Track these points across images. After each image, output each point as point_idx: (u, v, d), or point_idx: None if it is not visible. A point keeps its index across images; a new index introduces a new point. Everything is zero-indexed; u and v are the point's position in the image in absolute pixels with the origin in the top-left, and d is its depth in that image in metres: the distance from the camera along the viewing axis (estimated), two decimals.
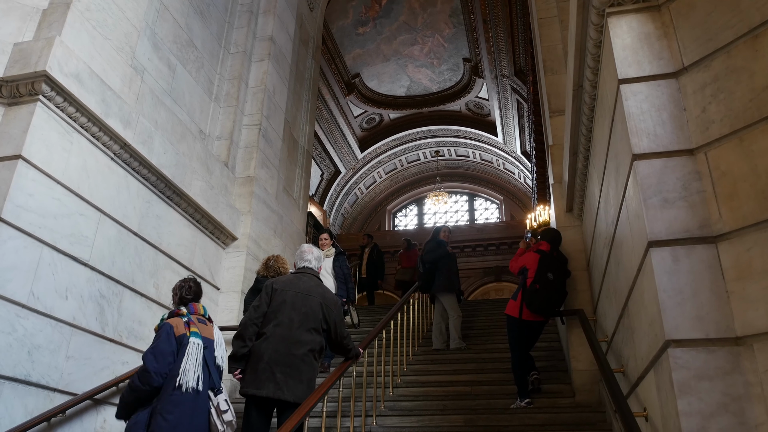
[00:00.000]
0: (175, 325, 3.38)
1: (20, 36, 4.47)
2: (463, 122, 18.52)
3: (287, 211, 8.02)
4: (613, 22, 3.09)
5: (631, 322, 3.32)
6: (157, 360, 3.24)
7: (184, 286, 3.67)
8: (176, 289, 3.67)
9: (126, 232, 5.05)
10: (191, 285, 3.70)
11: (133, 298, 5.08)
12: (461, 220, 21.91)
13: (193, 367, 3.28)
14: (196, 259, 6.07)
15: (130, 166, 5.14)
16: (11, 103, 4.25)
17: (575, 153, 4.60)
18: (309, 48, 9.63)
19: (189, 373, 3.26)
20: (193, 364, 3.30)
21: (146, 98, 5.48)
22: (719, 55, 2.70)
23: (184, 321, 3.43)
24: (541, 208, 12.96)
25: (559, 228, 5.69)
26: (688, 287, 2.48)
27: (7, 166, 4.01)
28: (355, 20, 14.34)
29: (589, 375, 5.07)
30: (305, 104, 9.19)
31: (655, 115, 2.81)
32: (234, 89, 7.36)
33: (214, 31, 7.29)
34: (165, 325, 3.40)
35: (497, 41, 14.26)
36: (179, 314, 3.49)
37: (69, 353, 4.31)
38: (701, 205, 2.59)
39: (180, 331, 3.36)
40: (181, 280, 3.75)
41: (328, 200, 20.04)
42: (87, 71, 4.56)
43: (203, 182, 6.14)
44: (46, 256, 4.17)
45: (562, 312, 5.34)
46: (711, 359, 2.36)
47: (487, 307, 9.62)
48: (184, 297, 3.63)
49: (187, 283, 3.69)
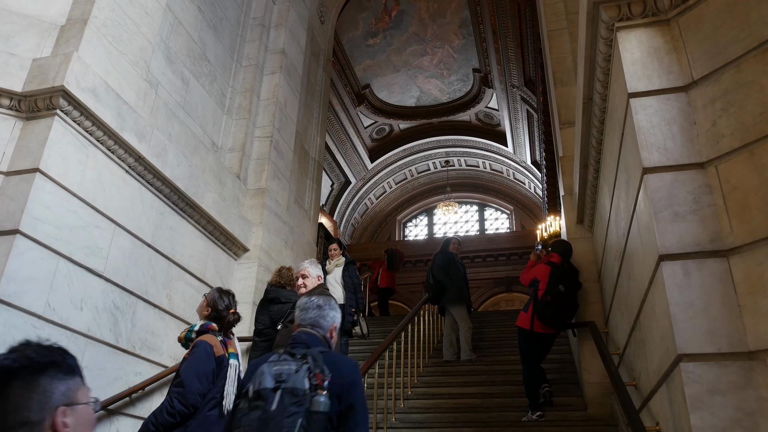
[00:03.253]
0: (213, 344, 3.23)
1: (39, 52, 4.56)
2: (473, 132, 18.55)
3: (298, 222, 8.07)
4: (623, 36, 3.11)
5: (642, 335, 3.31)
6: (200, 381, 3.12)
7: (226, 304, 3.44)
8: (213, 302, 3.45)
9: (140, 244, 5.11)
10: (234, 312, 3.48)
11: (146, 309, 5.13)
12: (471, 231, 21.89)
13: (232, 390, 3.20)
14: (208, 271, 6.12)
15: (145, 179, 5.20)
16: (29, 118, 4.33)
17: (586, 165, 4.61)
18: (320, 60, 9.72)
19: (230, 397, 3.18)
20: (233, 387, 3.21)
21: (160, 111, 5.56)
22: (729, 69, 2.71)
23: (220, 340, 3.29)
24: (551, 219, 12.93)
25: (570, 239, 5.69)
26: (699, 301, 2.48)
27: (25, 179, 4.08)
28: (366, 32, 14.46)
29: (600, 388, 5.04)
30: (316, 116, 9.26)
31: (665, 128, 2.83)
32: (246, 102, 7.44)
33: (227, 45, 7.38)
34: (203, 343, 3.23)
35: (507, 52, 14.31)
36: (211, 329, 3.34)
37: (83, 364, 4.32)
38: (712, 219, 2.59)
39: (219, 352, 3.23)
40: (223, 293, 3.52)
41: (338, 210, 20.10)
42: (103, 86, 4.65)
43: (216, 194, 6.20)
44: (62, 268, 4.23)
45: (574, 324, 5.33)
46: (723, 374, 2.35)
47: (498, 318, 9.59)
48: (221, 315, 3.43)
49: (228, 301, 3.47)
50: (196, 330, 3.35)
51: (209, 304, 3.46)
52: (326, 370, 2.18)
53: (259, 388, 2.14)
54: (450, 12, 13.94)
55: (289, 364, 2.18)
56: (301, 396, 2.08)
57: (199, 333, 3.34)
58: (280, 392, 2.10)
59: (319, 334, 2.44)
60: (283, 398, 2.08)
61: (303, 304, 2.52)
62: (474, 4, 13.29)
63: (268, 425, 2.03)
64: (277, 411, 2.05)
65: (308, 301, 2.52)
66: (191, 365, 3.16)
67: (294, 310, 3.49)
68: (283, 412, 2.05)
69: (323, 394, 2.10)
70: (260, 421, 2.06)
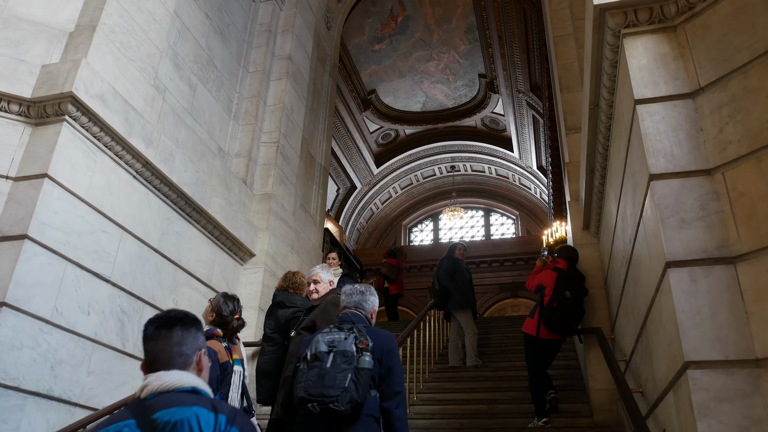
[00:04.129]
0: (218, 351, 3.22)
1: (48, 58, 4.60)
2: (478, 137, 18.55)
3: (304, 227, 8.08)
4: (629, 43, 3.12)
5: (649, 341, 3.30)
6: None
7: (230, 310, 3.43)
8: (218, 307, 3.44)
9: (147, 249, 5.13)
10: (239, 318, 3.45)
11: (152, 313, 5.12)
12: (477, 236, 21.85)
13: (236, 396, 3.22)
14: (214, 276, 6.14)
15: (152, 184, 5.23)
16: (38, 123, 4.36)
17: (592, 171, 4.61)
18: (326, 66, 9.76)
19: (234, 402, 3.20)
20: (237, 392, 3.23)
21: (168, 117, 5.59)
22: (736, 76, 2.71)
23: (224, 346, 3.29)
24: (557, 224, 12.90)
25: (576, 245, 5.68)
26: (706, 308, 2.48)
27: (34, 185, 4.11)
28: (371, 37, 14.50)
29: (607, 394, 5.02)
30: (322, 121, 9.29)
31: (671, 135, 2.83)
32: (253, 107, 7.47)
33: (234, 51, 7.42)
34: (208, 349, 3.27)
35: (513, 57, 14.32)
36: (216, 335, 3.33)
37: (90, 368, 4.38)
38: (719, 226, 2.59)
39: (223, 358, 3.23)
40: (228, 298, 3.49)
41: (344, 215, 20.12)
42: (111, 92, 4.68)
43: (222, 199, 6.22)
44: (70, 273, 4.26)
45: (580, 330, 5.31)
46: (731, 381, 2.35)
47: (504, 324, 9.57)
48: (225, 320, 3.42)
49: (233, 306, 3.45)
50: None
51: (214, 310, 3.46)
52: (369, 339, 2.74)
53: (315, 352, 2.68)
54: (456, 17, 13.97)
55: (339, 334, 2.74)
56: (350, 356, 2.62)
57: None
58: (333, 354, 2.64)
59: (361, 314, 3.01)
60: (335, 358, 2.63)
61: (348, 290, 3.09)
62: (480, 9, 13.31)
63: (325, 378, 2.58)
64: (331, 368, 2.60)
65: (352, 288, 3.11)
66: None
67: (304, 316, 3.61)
68: (336, 368, 2.59)
69: (368, 354, 2.66)
70: (318, 376, 2.60)
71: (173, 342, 1.69)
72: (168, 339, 1.70)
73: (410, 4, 13.63)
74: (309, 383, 2.60)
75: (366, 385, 2.61)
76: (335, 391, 2.54)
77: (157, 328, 1.72)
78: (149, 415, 1.54)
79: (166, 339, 1.70)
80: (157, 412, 1.54)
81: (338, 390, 2.55)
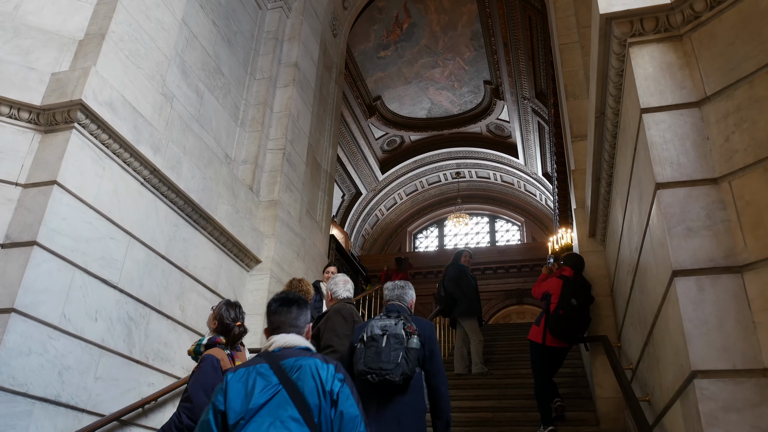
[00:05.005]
0: (220, 358, 3.23)
1: (57, 66, 4.64)
2: (483, 144, 18.56)
3: (310, 234, 8.10)
4: (635, 52, 3.13)
5: (656, 350, 3.30)
6: (207, 395, 3.07)
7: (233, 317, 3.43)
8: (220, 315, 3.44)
9: (154, 255, 5.16)
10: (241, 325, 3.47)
11: (159, 320, 5.17)
12: (482, 242, 21.83)
13: None
14: (221, 282, 6.17)
15: (159, 191, 5.26)
16: (48, 131, 4.40)
17: (598, 179, 4.61)
18: (332, 73, 9.80)
19: None
20: None
21: (175, 124, 5.63)
22: (742, 85, 2.72)
23: (227, 353, 3.29)
24: (563, 231, 12.88)
25: (582, 253, 5.68)
26: (713, 317, 2.48)
27: (43, 192, 4.15)
28: (377, 44, 14.56)
29: (613, 403, 5.01)
30: (328, 128, 9.33)
31: (678, 144, 2.83)
32: (259, 114, 7.51)
33: (241, 58, 7.47)
34: (210, 357, 3.22)
35: (518, 64, 14.34)
36: (219, 343, 3.33)
37: (97, 374, 4.40)
38: (726, 235, 2.59)
39: (226, 365, 3.21)
40: (230, 306, 3.51)
41: (349, 222, 20.14)
42: (120, 99, 4.72)
43: (229, 206, 6.25)
44: (78, 279, 4.28)
45: (586, 338, 5.30)
46: (738, 391, 2.34)
47: (509, 331, 9.55)
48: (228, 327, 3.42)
49: (235, 313, 3.46)
50: (204, 344, 3.36)
51: (216, 317, 3.46)
52: (414, 325, 3.29)
53: (371, 334, 3.25)
54: (461, 24, 14.01)
55: (389, 320, 3.32)
56: (401, 338, 3.18)
57: (207, 347, 3.33)
58: (386, 336, 3.21)
59: (403, 305, 3.55)
60: (389, 339, 3.19)
61: (390, 285, 3.66)
62: (485, 16, 13.36)
63: (381, 355, 3.14)
64: (386, 347, 3.17)
65: (394, 284, 3.67)
66: (198, 380, 3.17)
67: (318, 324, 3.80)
68: (390, 348, 3.16)
69: (416, 337, 3.21)
70: (375, 353, 3.16)
71: (291, 316, 2.30)
72: (287, 314, 2.31)
73: (416, 11, 13.69)
74: (368, 359, 3.15)
75: (414, 362, 3.16)
76: (390, 366, 3.10)
77: (279, 305, 2.33)
78: (278, 361, 2.11)
79: (285, 313, 2.31)
80: (285, 360, 2.11)
81: (392, 365, 3.10)
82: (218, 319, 3.45)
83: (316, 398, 2.02)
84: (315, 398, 2.02)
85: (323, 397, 2.02)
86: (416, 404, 3.21)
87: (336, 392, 2.04)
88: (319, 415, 2.00)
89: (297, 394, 2.01)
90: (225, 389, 2.08)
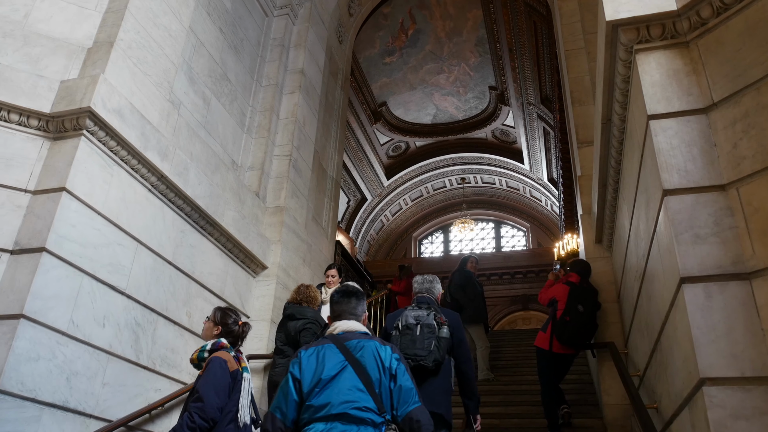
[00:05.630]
0: (227, 360, 3.31)
1: (66, 74, 4.68)
2: (489, 150, 18.56)
3: (316, 240, 8.12)
4: (642, 59, 3.13)
5: (664, 357, 3.29)
6: (218, 395, 3.18)
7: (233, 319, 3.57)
8: (222, 319, 3.55)
9: (161, 262, 5.18)
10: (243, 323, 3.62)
11: (166, 326, 5.18)
12: (487, 248, 21.80)
13: (246, 403, 3.28)
14: (227, 288, 6.18)
15: (166, 197, 5.29)
16: (57, 138, 4.43)
17: (604, 185, 4.61)
18: (338, 79, 9.83)
19: (245, 410, 3.25)
20: (247, 400, 3.29)
21: (182, 131, 5.66)
22: (749, 92, 2.72)
23: (233, 355, 3.38)
24: (568, 237, 12.85)
25: (589, 259, 5.67)
26: (721, 324, 2.47)
27: (52, 198, 4.17)
28: (382, 50, 14.60)
29: (620, 410, 4.99)
30: (334, 134, 9.35)
31: (685, 150, 2.83)
32: (265, 121, 7.54)
33: (247, 65, 7.51)
34: (218, 359, 3.30)
35: (523, 70, 14.36)
36: (223, 347, 3.41)
37: (105, 380, 4.42)
38: (734, 241, 2.59)
39: (233, 366, 3.31)
40: (226, 310, 3.63)
41: (354, 227, 20.15)
42: (128, 107, 4.75)
43: (235, 212, 6.27)
44: (86, 285, 4.31)
45: (593, 345, 5.29)
46: (747, 398, 2.33)
47: (515, 337, 9.53)
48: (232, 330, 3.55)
49: (235, 315, 3.60)
50: (208, 349, 3.42)
51: (218, 323, 3.54)
52: (444, 316, 3.64)
53: (406, 323, 3.59)
54: (466, 30, 14.04)
55: (421, 311, 3.65)
56: (433, 328, 3.52)
57: (211, 351, 3.41)
58: (420, 325, 3.55)
59: (431, 297, 3.89)
60: (422, 329, 3.53)
61: (419, 279, 4.01)
62: (490, 22, 13.38)
63: (416, 343, 3.47)
64: (419, 336, 3.50)
65: (423, 278, 4.01)
66: (208, 380, 3.22)
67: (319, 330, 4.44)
68: (424, 336, 3.49)
69: (446, 327, 3.56)
70: (410, 340, 3.49)
71: (351, 306, 2.72)
72: (347, 303, 2.73)
73: (421, 17, 13.73)
74: (404, 345, 3.47)
75: (444, 350, 3.49)
76: (424, 352, 3.43)
77: (340, 296, 2.76)
78: (342, 342, 2.52)
79: (345, 303, 2.73)
80: (349, 341, 2.53)
81: (426, 351, 3.43)
82: (221, 324, 3.54)
83: (377, 373, 2.43)
84: (376, 373, 2.43)
85: (383, 373, 2.44)
86: (445, 385, 3.56)
87: (394, 369, 2.46)
88: (379, 386, 2.41)
89: (361, 369, 2.43)
90: (299, 363, 2.49)
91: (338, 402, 2.34)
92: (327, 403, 2.35)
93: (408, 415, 2.38)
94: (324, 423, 2.33)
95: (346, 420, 2.32)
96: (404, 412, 2.39)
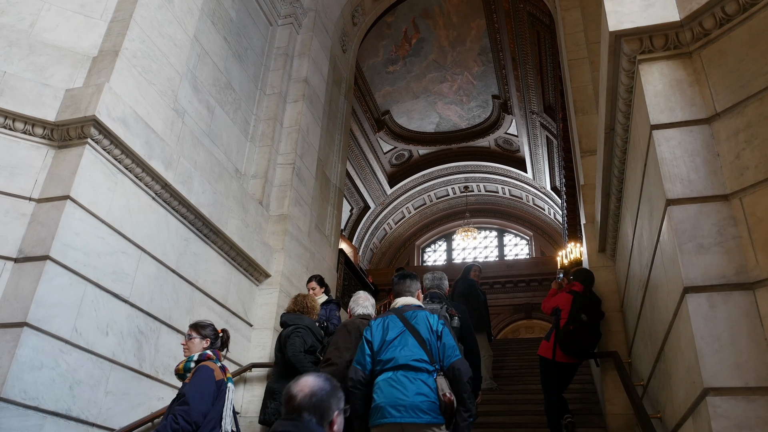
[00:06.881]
0: (213, 369, 3.46)
1: (72, 82, 4.71)
2: (492, 158, 18.58)
3: (319, 248, 8.12)
4: (645, 69, 3.14)
5: (667, 367, 3.28)
6: (203, 401, 3.30)
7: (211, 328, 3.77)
8: (211, 332, 3.74)
9: (165, 270, 5.19)
10: (223, 330, 3.84)
11: (169, 334, 5.18)
12: (490, 256, 21.78)
13: (230, 413, 3.40)
14: (230, 296, 6.18)
15: (170, 206, 5.30)
16: (61, 146, 4.46)
17: (608, 194, 4.61)
18: (341, 88, 9.87)
19: (227, 419, 3.38)
20: (230, 409, 3.42)
21: (186, 140, 5.69)
22: (752, 102, 2.73)
23: (218, 366, 3.52)
24: (571, 245, 12.83)
25: (592, 268, 5.66)
26: (725, 334, 2.47)
27: (56, 206, 4.19)
28: (386, 59, 14.66)
29: (624, 419, 4.96)
30: (337, 143, 9.38)
31: (688, 160, 2.84)
32: (269, 129, 7.57)
33: (251, 74, 7.55)
34: (205, 367, 3.45)
35: (526, 78, 14.39)
36: (209, 358, 3.56)
37: (108, 388, 4.41)
38: (737, 251, 2.59)
39: (219, 376, 3.44)
40: (200, 323, 3.79)
41: (357, 235, 20.16)
42: (133, 115, 4.78)
43: (239, 220, 6.29)
44: (90, 293, 4.31)
45: (596, 354, 5.27)
46: (751, 408, 2.33)
47: (519, 346, 9.50)
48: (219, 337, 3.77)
49: (210, 325, 3.78)
50: (195, 360, 3.57)
51: (204, 338, 3.70)
52: (454, 309, 4.21)
53: None
54: (470, 39, 14.09)
55: (434, 305, 4.13)
56: (446, 319, 3.83)
57: (198, 362, 3.55)
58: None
59: (441, 292, 4.42)
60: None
61: (430, 276, 4.57)
62: (493, 32, 13.44)
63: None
64: None
65: (433, 275, 4.56)
66: (195, 385, 3.36)
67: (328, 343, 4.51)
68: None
69: (457, 318, 4.15)
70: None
71: (406, 286, 3.62)
72: (404, 284, 3.63)
73: (424, 26, 13.79)
74: None
75: (456, 338, 3.70)
76: None
77: (399, 279, 3.67)
78: (402, 313, 3.41)
79: (402, 284, 3.64)
80: (406, 312, 3.41)
81: None
82: (210, 337, 3.72)
83: (428, 335, 3.26)
84: (427, 335, 3.26)
85: (432, 334, 3.26)
86: None
87: (440, 331, 3.28)
88: (430, 345, 3.22)
89: (416, 333, 3.27)
90: (371, 329, 3.40)
91: (401, 357, 3.20)
92: (392, 358, 3.22)
93: (451, 365, 3.16)
94: (392, 372, 3.18)
95: (407, 369, 3.16)
96: (448, 363, 3.17)
